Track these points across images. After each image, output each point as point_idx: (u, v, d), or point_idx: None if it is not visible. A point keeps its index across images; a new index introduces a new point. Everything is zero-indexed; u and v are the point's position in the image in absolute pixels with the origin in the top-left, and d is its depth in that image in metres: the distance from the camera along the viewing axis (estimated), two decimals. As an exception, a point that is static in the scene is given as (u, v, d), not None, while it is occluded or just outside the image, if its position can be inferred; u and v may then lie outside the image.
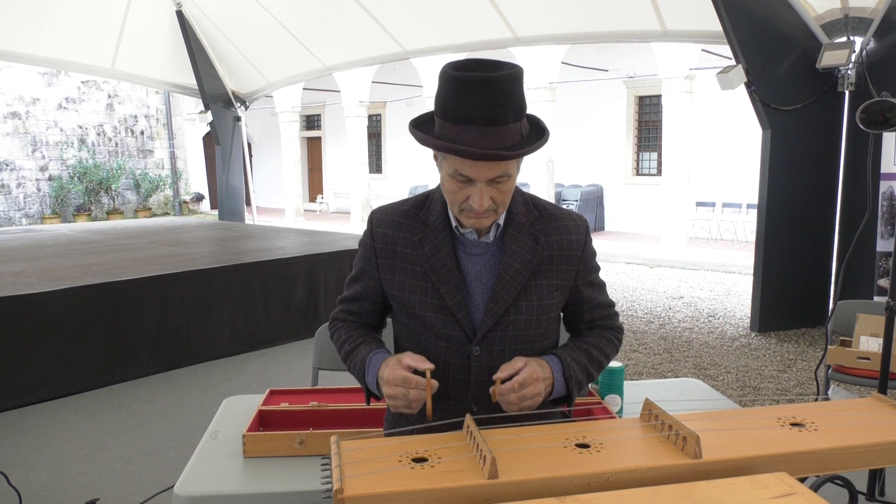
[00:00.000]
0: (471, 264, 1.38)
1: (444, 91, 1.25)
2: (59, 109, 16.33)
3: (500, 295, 1.36)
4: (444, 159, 1.30)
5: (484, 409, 1.36)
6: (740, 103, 8.54)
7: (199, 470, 1.78)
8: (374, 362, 1.38)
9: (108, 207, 17.21)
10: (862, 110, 2.26)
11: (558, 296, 1.42)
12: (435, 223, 1.39)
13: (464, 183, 1.27)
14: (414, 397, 1.28)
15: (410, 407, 1.29)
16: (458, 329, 1.37)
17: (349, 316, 1.53)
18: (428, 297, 1.38)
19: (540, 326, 1.41)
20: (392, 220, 1.43)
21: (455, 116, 1.22)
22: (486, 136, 1.21)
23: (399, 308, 1.44)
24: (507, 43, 8.24)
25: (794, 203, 5.84)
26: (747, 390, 4.64)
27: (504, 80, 1.21)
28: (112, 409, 4.38)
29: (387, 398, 1.32)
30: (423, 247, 1.38)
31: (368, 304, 1.50)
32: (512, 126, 1.24)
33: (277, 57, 10.49)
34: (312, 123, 20.56)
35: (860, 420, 1.31)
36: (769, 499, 1.01)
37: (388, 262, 1.42)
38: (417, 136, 1.31)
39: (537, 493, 1.04)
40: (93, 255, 6.52)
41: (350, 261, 6.46)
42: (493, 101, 1.20)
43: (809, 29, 5.77)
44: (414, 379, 1.28)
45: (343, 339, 1.50)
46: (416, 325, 1.41)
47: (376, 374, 1.36)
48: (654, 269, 9.91)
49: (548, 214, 1.43)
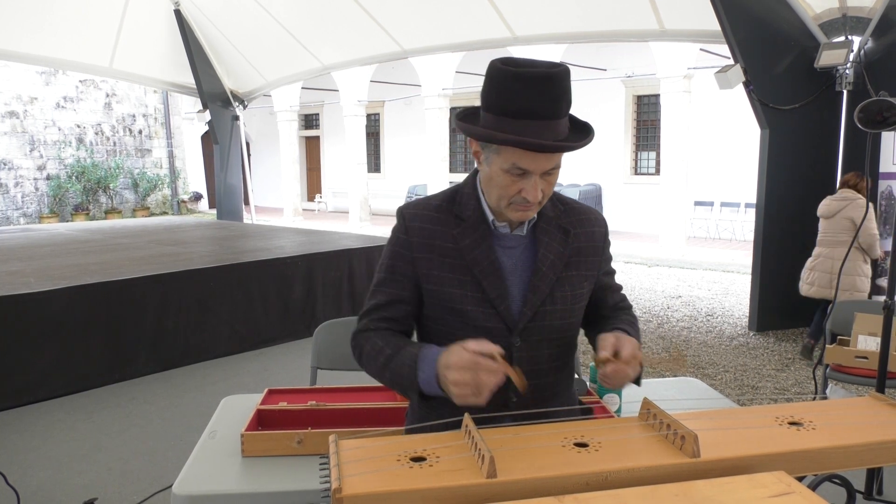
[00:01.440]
0: (505, 257, 1.40)
1: (499, 86, 1.26)
2: (57, 108, 16.31)
3: (538, 286, 1.39)
4: (496, 155, 1.30)
5: (522, 399, 1.38)
6: (739, 103, 8.54)
7: (197, 469, 1.78)
8: (427, 357, 1.29)
9: (107, 207, 17.19)
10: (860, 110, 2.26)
11: (587, 286, 1.47)
12: (471, 217, 1.40)
13: (518, 176, 1.29)
14: (484, 381, 1.20)
15: (479, 394, 1.21)
16: (498, 321, 1.38)
17: (383, 323, 1.43)
18: (468, 290, 1.38)
19: (573, 316, 1.45)
20: (426, 214, 1.42)
21: (514, 111, 1.24)
22: (546, 129, 1.25)
23: (434, 303, 1.41)
24: (506, 42, 8.24)
25: (793, 202, 5.84)
26: (745, 389, 4.64)
27: (561, 75, 1.25)
28: (110, 409, 4.38)
29: (453, 386, 1.21)
30: (464, 240, 1.38)
31: (404, 305, 1.43)
32: (563, 120, 1.29)
33: (276, 56, 10.48)
34: (311, 123, 20.54)
35: (858, 419, 1.31)
36: (767, 497, 1.01)
37: (426, 255, 1.40)
38: (477, 132, 1.30)
39: (536, 492, 1.04)
40: (91, 255, 6.51)
41: (348, 260, 6.50)
42: (553, 96, 1.24)
43: (808, 28, 5.77)
44: (483, 361, 1.21)
45: (380, 346, 1.38)
46: (453, 321, 1.39)
47: (433, 368, 1.26)
48: (652, 268, 9.91)
49: (571, 208, 1.48)
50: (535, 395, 1.40)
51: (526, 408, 1.39)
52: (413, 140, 17.29)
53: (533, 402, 1.41)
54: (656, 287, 8.45)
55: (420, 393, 1.31)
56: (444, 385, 1.25)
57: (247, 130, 14.35)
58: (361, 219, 15.60)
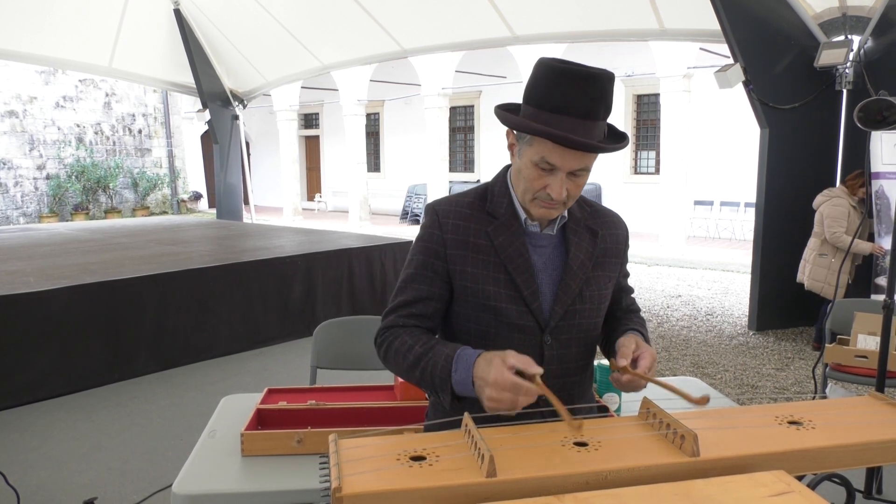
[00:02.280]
0: (536, 256, 1.42)
1: (543, 80, 1.29)
2: (56, 108, 16.30)
3: (569, 285, 1.41)
4: (528, 146, 1.32)
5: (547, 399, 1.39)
6: (738, 102, 8.54)
7: (197, 469, 1.78)
8: (463, 359, 1.28)
9: (106, 206, 17.19)
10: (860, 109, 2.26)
11: (611, 287, 1.50)
12: (504, 215, 1.41)
13: (545, 171, 1.31)
14: (522, 404, 1.21)
15: (513, 409, 1.23)
16: (531, 319, 1.39)
17: (411, 320, 1.42)
18: (502, 287, 1.39)
19: (599, 315, 1.48)
20: (459, 211, 1.42)
21: (552, 105, 1.27)
22: (580, 128, 1.26)
23: (467, 301, 1.40)
24: (506, 42, 8.24)
25: (792, 202, 5.84)
26: (745, 389, 4.64)
27: (604, 77, 1.27)
28: (110, 409, 4.38)
29: (489, 400, 1.23)
30: (498, 237, 1.39)
31: (434, 302, 1.42)
32: (600, 123, 1.30)
33: (275, 55, 10.47)
34: (310, 122, 20.54)
35: (858, 418, 1.31)
36: (767, 497, 1.01)
37: (460, 252, 1.40)
38: (512, 120, 1.33)
39: (535, 491, 1.04)
40: (91, 254, 6.51)
41: (348, 260, 6.50)
42: (592, 96, 1.26)
43: (807, 28, 5.77)
44: (524, 386, 1.21)
45: (409, 344, 1.37)
46: (487, 318, 1.40)
47: (469, 371, 1.26)
48: (652, 267, 9.91)
49: (596, 211, 1.51)
50: (562, 393, 1.40)
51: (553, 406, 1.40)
52: (413, 139, 17.29)
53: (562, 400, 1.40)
54: (656, 286, 8.45)
55: (453, 393, 1.30)
56: (480, 394, 1.25)
57: (246, 130, 14.35)
58: (361, 218, 15.60)
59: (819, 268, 5.17)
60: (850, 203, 5.09)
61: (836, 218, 5.04)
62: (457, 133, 17.02)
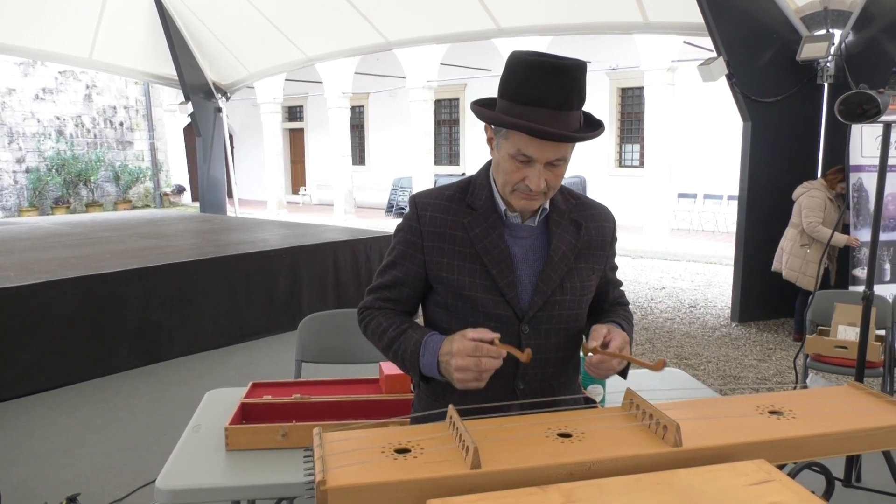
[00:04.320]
0: (517, 247, 1.43)
1: (515, 73, 1.30)
2: (35, 100, 16.06)
3: (549, 276, 1.42)
4: (504, 140, 1.34)
5: (530, 387, 1.44)
6: (722, 95, 8.60)
7: (181, 463, 1.77)
8: (430, 344, 1.37)
9: (87, 200, 16.99)
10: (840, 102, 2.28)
11: (594, 279, 1.51)
12: (483, 207, 1.43)
13: (523, 163, 1.32)
14: (485, 366, 1.27)
15: (480, 378, 1.29)
16: (507, 309, 1.41)
17: (386, 304, 1.50)
18: (478, 278, 1.41)
19: (580, 307, 1.49)
20: (438, 203, 1.45)
21: (526, 98, 1.28)
22: (554, 119, 1.27)
23: (445, 290, 1.44)
24: (491, 34, 8.23)
25: (774, 194, 5.90)
26: (728, 379, 4.69)
27: (575, 68, 1.28)
28: (93, 404, 4.34)
29: (456, 371, 1.29)
30: (474, 229, 1.42)
31: (408, 289, 1.49)
32: (575, 113, 1.31)
33: (259, 47, 10.38)
34: (295, 115, 20.41)
35: (837, 408, 1.33)
36: (748, 485, 1.02)
37: (436, 244, 1.43)
38: (486, 114, 1.35)
39: (520, 482, 1.05)
40: (72, 248, 6.44)
41: (332, 253, 6.48)
42: (564, 87, 1.27)
43: (790, 21, 5.81)
44: (485, 346, 1.27)
45: (384, 326, 1.46)
46: (464, 307, 1.43)
47: (435, 355, 1.34)
48: (636, 260, 9.98)
49: (582, 203, 1.52)
50: (541, 384, 1.46)
51: (533, 397, 1.43)
52: (398, 132, 17.24)
53: (540, 391, 1.45)
54: (640, 279, 8.51)
55: (421, 375, 1.39)
56: (446, 371, 1.32)
57: (230, 122, 14.22)
58: (346, 211, 15.55)
59: (796, 258, 5.25)
60: (826, 196, 5.16)
61: (812, 209, 5.11)
62: (442, 126, 16.99)
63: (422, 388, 1.49)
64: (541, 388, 1.45)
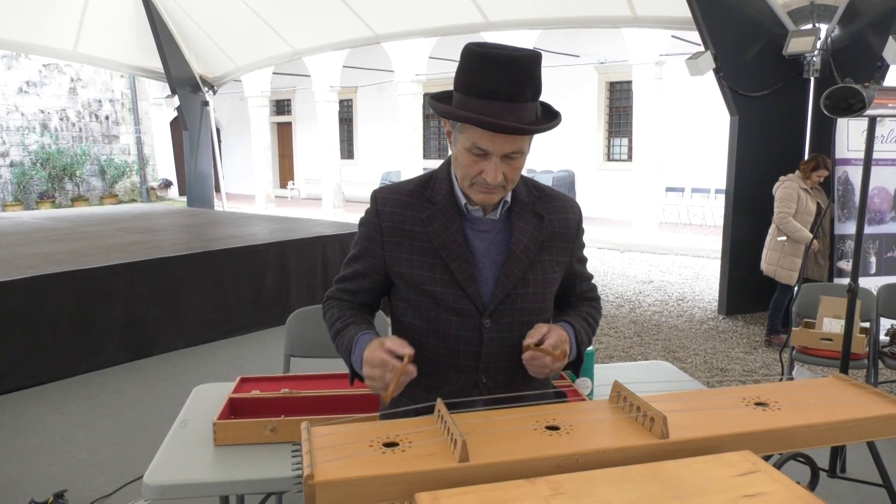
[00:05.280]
0: (478, 241, 1.43)
1: (468, 66, 1.30)
2: (19, 93, 15.87)
3: (511, 269, 1.41)
4: (460, 133, 1.33)
5: (493, 381, 1.44)
6: (709, 89, 8.63)
7: (168, 459, 1.76)
8: (360, 343, 1.39)
9: (73, 194, 16.82)
10: (826, 96, 2.29)
11: (559, 271, 1.50)
12: (442, 201, 1.43)
13: (479, 157, 1.32)
14: (390, 381, 1.28)
15: (385, 388, 1.30)
16: (468, 303, 1.41)
17: (345, 295, 1.53)
18: (437, 273, 1.41)
19: (544, 300, 1.48)
20: (398, 198, 1.45)
21: (478, 91, 1.27)
22: (507, 111, 1.26)
23: (406, 285, 1.44)
24: (479, 28, 8.21)
25: (761, 188, 5.92)
26: (715, 372, 4.73)
27: (528, 59, 1.27)
28: (79, 400, 4.31)
29: (366, 378, 1.33)
30: (432, 224, 1.41)
31: (367, 282, 1.50)
32: (530, 105, 1.30)
33: (246, 40, 10.30)
34: (282, 108, 20.29)
35: (822, 399, 1.34)
36: (734, 476, 1.03)
37: (395, 240, 1.43)
38: (439, 108, 1.34)
39: (508, 475, 1.05)
40: (57, 243, 6.38)
41: (321, 247, 6.45)
42: (517, 79, 1.26)
43: (777, 16, 5.84)
44: (391, 362, 1.28)
45: (335, 318, 1.49)
46: (425, 301, 1.42)
47: (362, 354, 1.36)
48: (624, 253, 10.02)
49: (546, 195, 1.51)
50: (505, 378, 1.45)
51: (497, 390, 1.41)
52: (386, 126, 17.18)
53: (504, 385, 1.43)
54: (628, 272, 8.54)
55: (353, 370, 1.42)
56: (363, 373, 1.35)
57: (217, 116, 14.12)
58: (335, 205, 15.49)
59: (773, 251, 5.18)
60: (799, 186, 5.00)
61: (783, 199, 5.00)
62: (430, 120, 16.94)
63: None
64: (504, 381, 1.44)
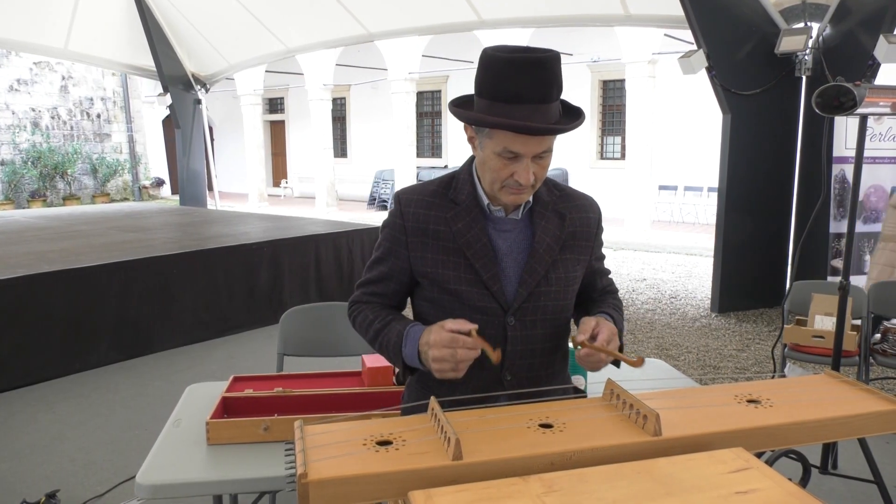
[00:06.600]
0: (501, 240, 1.45)
1: (492, 71, 1.30)
2: (10, 91, 15.77)
3: (534, 268, 1.43)
4: (488, 139, 1.34)
5: (517, 378, 1.46)
6: (702, 88, 8.65)
7: (161, 458, 1.76)
8: (412, 334, 1.39)
9: (65, 193, 16.73)
10: (817, 95, 2.30)
11: (580, 269, 1.52)
12: (465, 202, 1.44)
13: (510, 160, 1.33)
14: (461, 357, 1.29)
15: (457, 369, 1.30)
16: (492, 301, 1.42)
17: (373, 298, 1.54)
18: (462, 271, 1.42)
19: (566, 297, 1.50)
20: (421, 199, 1.47)
21: (506, 96, 1.28)
22: (536, 113, 1.28)
23: (430, 285, 1.46)
24: (472, 26, 8.21)
25: (753, 186, 5.96)
26: (707, 369, 4.75)
27: (551, 60, 1.29)
28: (72, 399, 4.29)
29: (433, 362, 1.32)
30: (456, 224, 1.43)
31: (394, 284, 1.51)
32: (555, 104, 1.32)
33: (238, 38, 10.26)
34: (275, 107, 20.23)
35: (814, 396, 1.35)
36: (726, 473, 1.03)
37: (420, 240, 1.45)
38: (467, 116, 1.35)
39: (501, 473, 1.05)
40: (49, 242, 6.34)
41: (315, 246, 6.45)
42: (543, 80, 1.28)
43: (769, 14, 5.86)
44: (461, 338, 1.29)
45: (371, 318, 1.49)
46: (450, 300, 1.44)
47: (416, 345, 1.37)
48: (617, 251, 10.04)
49: (566, 194, 1.53)
50: (528, 375, 1.47)
51: (521, 387, 1.44)
52: (380, 125, 17.16)
53: (527, 382, 1.46)
54: (622, 270, 8.56)
55: (405, 365, 1.43)
56: (426, 361, 1.35)
57: (209, 114, 14.07)
58: (328, 204, 15.47)
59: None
60: None
61: None
62: (424, 118, 16.94)
63: (410, 379, 1.52)
64: (528, 378, 1.47)
